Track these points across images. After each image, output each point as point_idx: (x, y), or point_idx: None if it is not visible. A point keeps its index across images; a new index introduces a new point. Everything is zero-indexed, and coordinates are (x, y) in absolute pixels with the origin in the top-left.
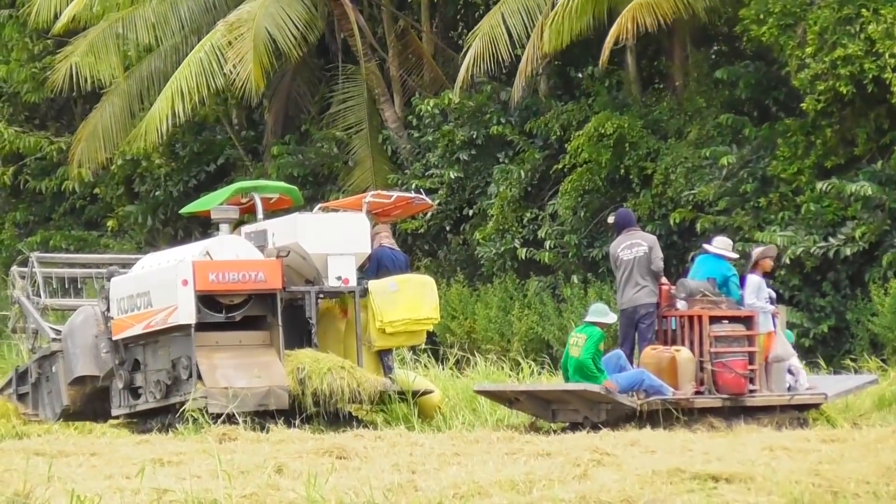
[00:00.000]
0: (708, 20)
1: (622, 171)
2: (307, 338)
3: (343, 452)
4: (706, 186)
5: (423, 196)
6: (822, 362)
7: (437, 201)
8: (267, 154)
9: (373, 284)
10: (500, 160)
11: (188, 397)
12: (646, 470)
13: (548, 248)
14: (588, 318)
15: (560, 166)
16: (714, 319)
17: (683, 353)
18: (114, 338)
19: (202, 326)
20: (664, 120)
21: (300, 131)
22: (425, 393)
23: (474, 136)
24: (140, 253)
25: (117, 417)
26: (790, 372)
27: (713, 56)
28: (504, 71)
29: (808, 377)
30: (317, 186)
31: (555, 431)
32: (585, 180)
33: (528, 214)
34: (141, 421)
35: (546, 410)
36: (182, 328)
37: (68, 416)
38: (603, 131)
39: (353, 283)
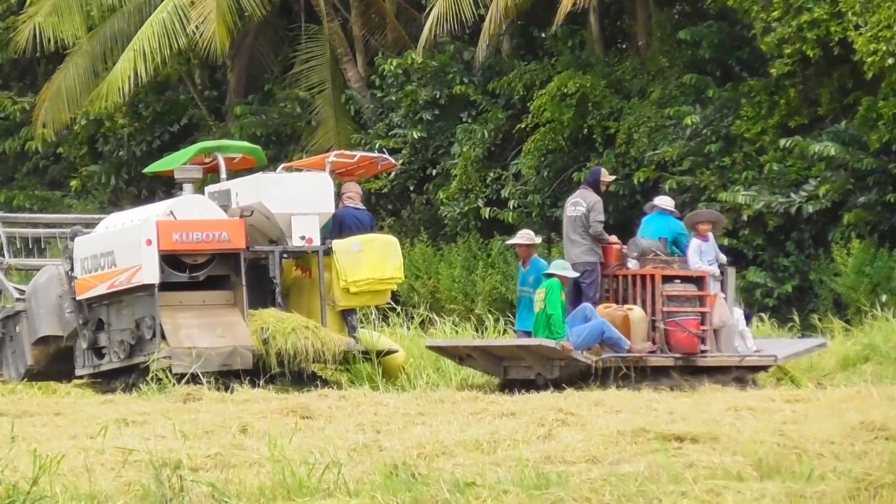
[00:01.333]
0: None
1: (585, 130)
2: (271, 298)
3: (307, 412)
4: (670, 146)
5: (387, 156)
6: (795, 319)
7: (400, 161)
8: (230, 114)
9: (336, 244)
10: (464, 120)
11: (152, 357)
12: (610, 430)
13: (511, 207)
14: (549, 270)
15: (523, 126)
16: (666, 279)
17: (636, 312)
18: (78, 298)
19: (166, 286)
20: (627, 80)
21: (263, 91)
22: (389, 353)
23: (437, 96)
24: (104, 213)
25: (81, 377)
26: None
27: (676, 16)
28: (467, 31)
29: (759, 341)
30: (280, 146)
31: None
32: (548, 140)
33: (492, 174)
34: (105, 381)
35: (498, 367)
36: (146, 288)
37: (32, 375)
38: (566, 91)
39: (316, 242)
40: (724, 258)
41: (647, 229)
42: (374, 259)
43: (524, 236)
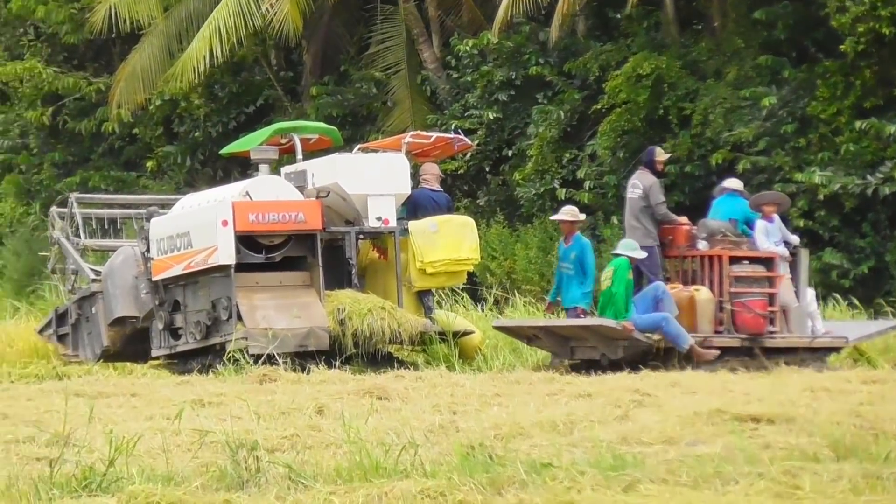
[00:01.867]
0: None
1: (661, 111)
2: (347, 279)
3: (383, 393)
4: (746, 127)
5: (463, 136)
6: (871, 300)
7: (476, 142)
8: (306, 94)
9: (413, 225)
10: (539, 101)
11: (228, 338)
12: (687, 411)
13: (587, 188)
14: (617, 251)
15: (599, 107)
16: (734, 260)
17: (703, 293)
18: (153, 278)
19: (242, 267)
20: (702, 61)
21: (339, 72)
22: (466, 333)
23: (513, 77)
24: (179, 194)
25: (157, 358)
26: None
27: None
28: (543, 11)
29: (831, 323)
30: (356, 127)
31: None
32: (624, 121)
33: (567, 155)
34: (181, 362)
35: (564, 347)
36: (222, 269)
37: (108, 357)
38: (641, 72)
39: (392, 223)
40: (796, 239)
41: (717, 211)
42: (451, 240)
43: (568, 212)
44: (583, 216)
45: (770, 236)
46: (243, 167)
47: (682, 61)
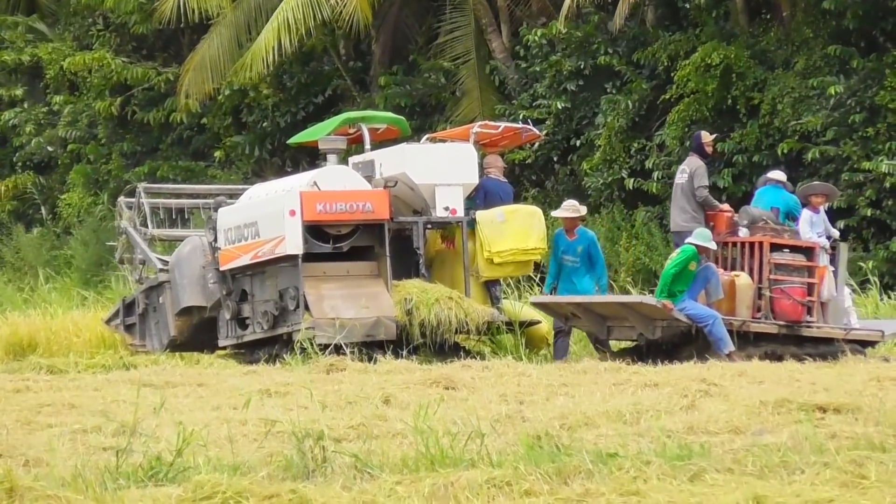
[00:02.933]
0: None
1: (729, 101)
2: (415, 268)
3: (450, 383)
4: (814, 116)
5: (531, 126)
6: None
7: (544, 132)
8: (374, 84)
9: (480, 215)
10: (608, 90)
11: (296, 328)
12: (753, 400)
13: (655, 178)
14: (689, 239)
15: (667, 97)
16: (775, 247)
17: (742, 279)
18: (221, 268)
19: (310, 257)
20: (771, 50)
21: (408, 62)
22: (532, 323)
23: (581, 67)
24: (247, 183)
25: (224, 348)
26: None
27: None
28: (611, 1)
29: (868, 322)
30: (424, 117)
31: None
32: (693, 111)
33: (636, 145)
34: (248, 352)
35: (602, 326)
36: (290, 258)
37: (175, 346)
38: (710, 61)
39: (460, 213)
40: (836, 233)
41: (759, 201)
42: (518, 230)
43: (569, 208)
44: (584, 209)
45: (814, 227)
46: (312, 157)
47: (751, 51)
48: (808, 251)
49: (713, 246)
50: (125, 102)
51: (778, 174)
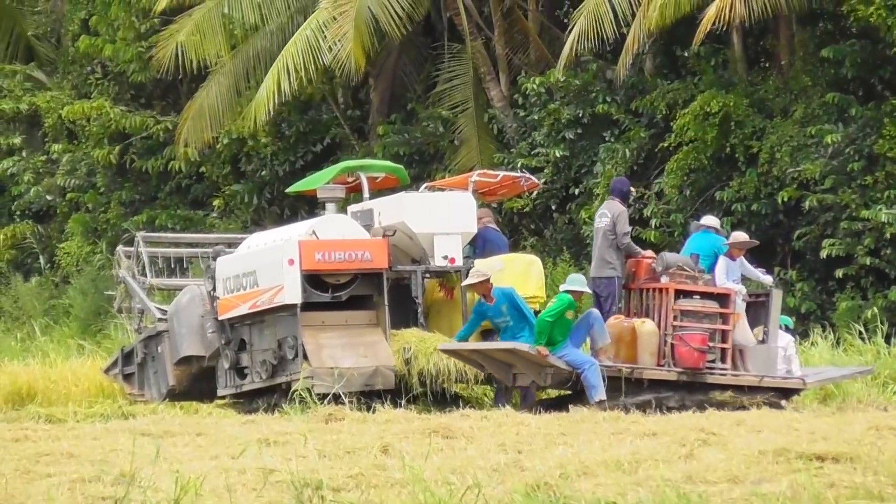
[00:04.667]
0: (809, 6)
1: (728, 149)
2: (413, 317)
3: (449, 432)
4: (812, 164)
5: (529, 175)
6: None
7: (542, 180)
8: (373, 133)
9: (479, 263)
10: (606, 139)
11: (294, 377)
12: (752, 450)
13: (654, 226)
14: (563, 287)
15: (666, 145)
16: (684, 294)
17: (646, 326)
18: (220, 317)
19: (308, 306)
20: (770, 99)
21: (406, 110)
22: None
23: (580, 115)
24: (246, 232)
25: (223, 397)
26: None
27: (819, 34)
28: (609, 49)
29: (810, 368)
30: (423, 165)
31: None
32: (691, 159)
33: (635, 193)
34: (247, 401)
35: (507, 374)
36: (288, 308)
37: (174, 396)
38: (709, 110)
39: (459, 262)
40: (769, 279)
41: (689, 247)
42: (517, 278)
43: (472, 275)
44: (490, 272)
45: (730, 274)
46: (310, 206)
47: (750, 99)
48: (723, 298)
49: (587, 290)
50: (124, 151)
51: (710, 220)
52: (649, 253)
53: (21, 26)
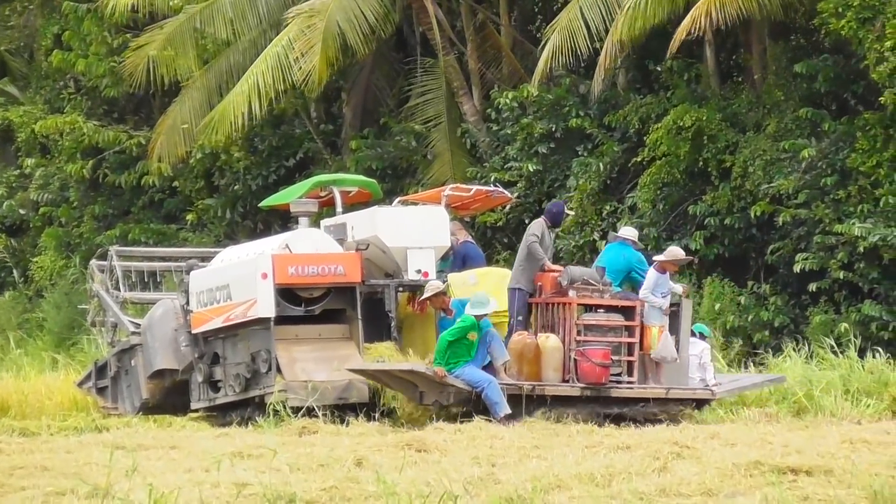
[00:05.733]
0: (784, 15)
1: (701, 163)
2: (386, 331)
3: (423, 446)
4: (785, 179)
5: (502, 189)
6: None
7: (516, 194)
8: (346, 147)
9: (453, 277)
10: (579, 153)
11: (268, 391)
12: (725, 463)
13: None
14: (467, 310)
15: (639, 159)
16: (588, 308)
17: (550, 341)
18: (193, 331)
19: (282, 320)
20: (743, 113)
21: (379, 124)
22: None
23: (553, 130)
24: (219, 246)
25: (197, 411)
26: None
27: (791, 49)
28: (582, 64)
29: (722, 376)
30: (396, 180)
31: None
32: (664, 173)
33: (608, 207)
34: (220, 414)
35: (414, 392)
36: (262, 321)
37: (148, 409)
38: (682, 124)
39: (432, 276)
40: (679, 288)
41: (602, 258)
42: (490, 292)
43: (430, 288)
44: (443, 284)
45: (658, 288)
46: (283, 220)
47: (723, 114)
48: (628, 311)
49: (489, 310)
50: (97, 165)
51: (627, 231)
52: (557, 267)
53: None
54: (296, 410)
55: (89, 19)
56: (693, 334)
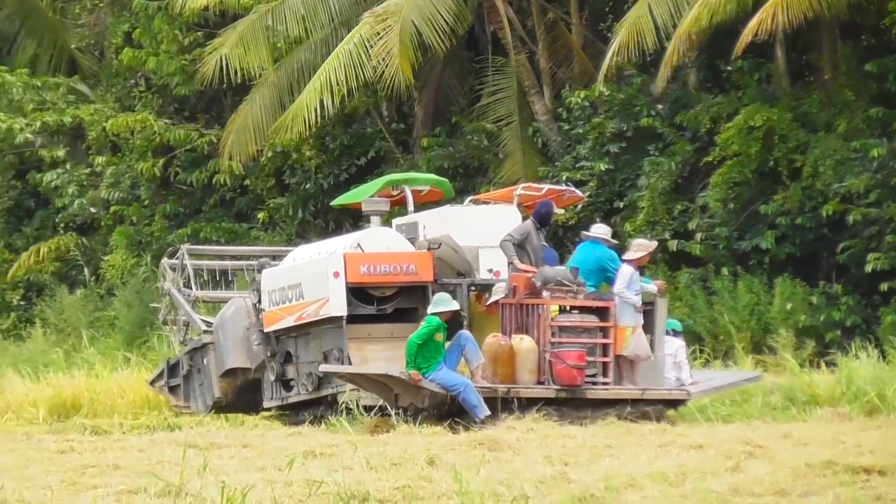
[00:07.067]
0: (852, 15)
1: (772, 163)
2: (458, 330)
3: (495, 445)
4: (856, 179)
5: (574, 188)
6: None
7: (587, 193)
8: (417, 146)
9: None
10: (650, 152)
11: (341, 389)
12: (798, 462)
13: (698, 240)
14: (430, 308)
15: (710, 159)
16: (562, 309)
17: (524, 343)
18: (265, 330)
19: (353, 318)
20: (813, 113)
21: (450, 123)
22: None
23: (624, 129)
24: (291, 245)
25: (269, 409)
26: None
27: (861, 49)
28: (649, 58)
29: (698, 373)
30: (467, 179)
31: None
32: (735, 173)
33: (679, 206)
34: (293, 413)
35: (389, 395)
36: (334, 320)
37: (220, 408)
38: (752, 124)
39: (504, 275)
40: (653, 288)
41: (575, 258)
42: None
43: (498, 291)
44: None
45: (632, 285)
46: (355, 219)
47: (793, 113)
48: (602, 311)
49: (454, 307)
50: (168, 164)
51: (600, 229)
52: (531, 269)
53: (64, 39)
54: (368, 409)
55: (160, 17)
56: (667, 332)
